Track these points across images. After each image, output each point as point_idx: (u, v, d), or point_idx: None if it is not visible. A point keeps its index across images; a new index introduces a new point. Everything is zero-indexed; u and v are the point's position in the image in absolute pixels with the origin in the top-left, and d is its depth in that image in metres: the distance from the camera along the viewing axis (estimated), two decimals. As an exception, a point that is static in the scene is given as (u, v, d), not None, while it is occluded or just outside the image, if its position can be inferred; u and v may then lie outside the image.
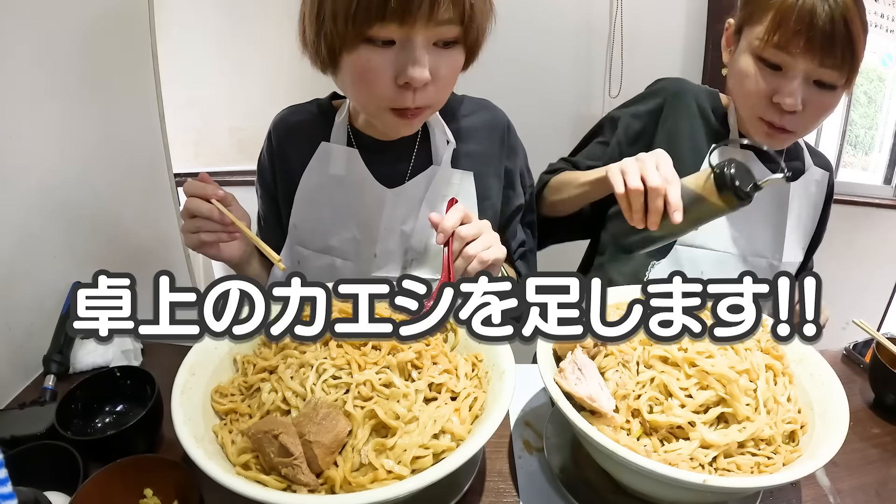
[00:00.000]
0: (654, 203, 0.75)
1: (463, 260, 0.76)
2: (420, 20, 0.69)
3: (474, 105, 0.97)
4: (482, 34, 0.77)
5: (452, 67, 0.77)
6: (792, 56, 0.82)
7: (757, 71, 0.86)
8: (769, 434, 0.59)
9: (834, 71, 0.82)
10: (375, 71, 0.73)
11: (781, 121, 0.87)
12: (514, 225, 0.99)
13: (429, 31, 0.71)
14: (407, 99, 0.75)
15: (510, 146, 0.97)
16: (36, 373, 0.88)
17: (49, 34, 0.92)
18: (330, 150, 0.90)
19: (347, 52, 0.73)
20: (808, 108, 0.85)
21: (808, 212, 1.04)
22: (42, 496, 0.58)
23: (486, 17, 0.76)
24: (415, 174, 0.90)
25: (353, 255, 0.91)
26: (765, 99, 0.87)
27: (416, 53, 0.71)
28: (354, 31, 0.70)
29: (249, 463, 0.56)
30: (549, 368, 0.64)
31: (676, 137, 1.00)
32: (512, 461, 0.73)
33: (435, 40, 0.73)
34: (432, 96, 0.77)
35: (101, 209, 1.07)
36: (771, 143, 0.92)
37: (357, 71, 0.74)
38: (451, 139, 0.90)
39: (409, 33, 0.70)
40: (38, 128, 0.91)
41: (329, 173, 0.90)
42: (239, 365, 0.67)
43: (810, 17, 0.78)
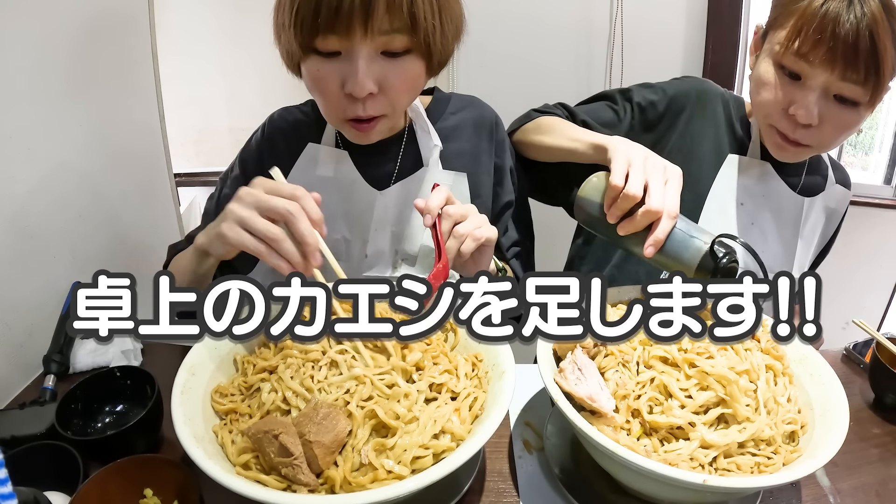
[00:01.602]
0: (640, 219, 0.70)
1: (455, 240, 0.73)
2: (357, 32, 0.69)
3: (462, 102, 0.97)
4: (440, 41, 0.75)
5: (405, 77, 0.76)
6: (811, 66, 0.77)
7: (776, 78, 0.82)
8: (769, 434, 0.59)
9: (856, 86, 0.77)
10: (324, 80, 0.74)
11: (795, 134, 0.83)
12: (504, 222, 0.99)
13: (369, 42, 0.71)
14: (357, 109, 0.75)
15: (499, 142, 0.96)
16: (36, 373, 0.88)
17: (49, 34, 0.92)
18: (318, 151, 0.90)
19: (302, 61, 0.75)
20: (826, 124, 0.81)
21: (821, 228, 1.01)
22: (42, 496, 0.58)
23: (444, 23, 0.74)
24: (403, 175, 0.90)
25: (344, 255, 0.91)
26: (780, 109, 0.83)
27: (355, 65, 0.71)
28: (301, 42, 0.71)
29: (249, 463, 0.56)
30: (549, 368, 0.64)
31: (698, 141, 0.96)
32: (512, 461, 0.73)
33: (382, 50, 0.72)
34: (384, 106, 0.77)
35: (101, 209, 1.07)
36: (781, 156, 0.89)
37: (310, 79, 0.76)
38: (437, 142, 0.90)
39: (350, 45, 0.71)
40: (38, 127, 0.91)
41: (317, 174, 0.90)
42: (239, 365, 0.67)
43: (833, 25, 0.73)
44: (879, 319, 2.07)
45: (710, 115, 0.96)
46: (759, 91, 0.86)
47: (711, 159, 0.95)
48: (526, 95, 1.88)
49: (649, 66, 1.80)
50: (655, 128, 0.98)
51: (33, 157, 0.90)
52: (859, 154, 2.10)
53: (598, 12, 1.80)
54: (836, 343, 0.99)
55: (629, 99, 1.00)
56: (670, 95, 0.98)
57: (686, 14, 1.80)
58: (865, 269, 1.95)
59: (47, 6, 0.91)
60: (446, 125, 0.93)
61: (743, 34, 1.77)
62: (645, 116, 0.98)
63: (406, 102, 0.81)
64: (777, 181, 0.94)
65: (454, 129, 0.94)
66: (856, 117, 0.81)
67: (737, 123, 0.97)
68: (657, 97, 0.99)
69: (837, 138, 0.84)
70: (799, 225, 0.96)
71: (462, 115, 0.95)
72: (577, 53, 1.86)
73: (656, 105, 0.98)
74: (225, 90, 2.27)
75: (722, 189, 0.95)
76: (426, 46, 0.74)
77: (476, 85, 1.89)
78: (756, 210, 0.96)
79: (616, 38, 1.81)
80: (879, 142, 2.02)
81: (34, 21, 0.89)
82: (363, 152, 0.89)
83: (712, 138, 0.96)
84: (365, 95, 0.73)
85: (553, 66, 1.87)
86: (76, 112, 1.00)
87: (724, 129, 0.96)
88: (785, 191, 0.96)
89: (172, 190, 1.34)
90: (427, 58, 0.76)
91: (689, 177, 0.96)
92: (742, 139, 0.96)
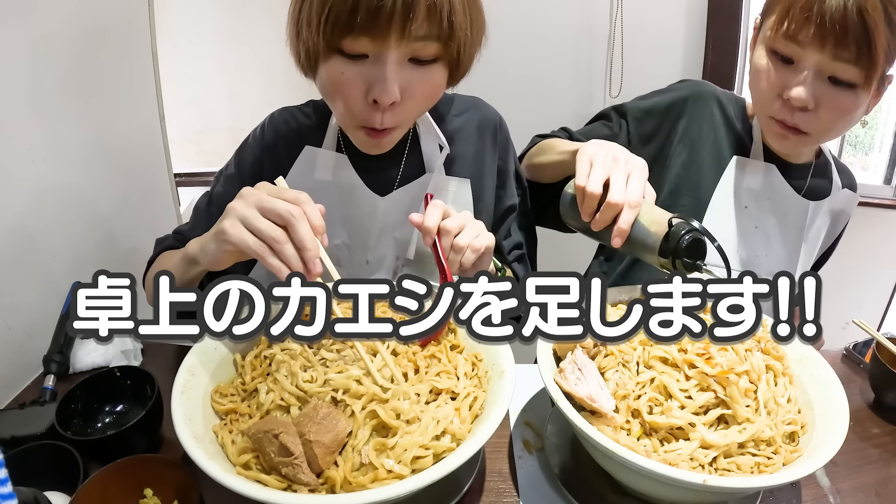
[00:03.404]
0: (605, 213, 0.70)
1: (455, 253, 0.73)
2: (392, 36, 0.66)
3: (464, 104, 0.95)
4: (468, 50, 0.73)
5: (429, 85, 0.74)
6: (802, 46, 0.76)
7: (769, 64, 0.81)
8: (769, 435, 0.59)
9: (849, 66, 0.75)
10: (347, 84, 0.71)
11: (793, 118, 0.81)
12: (507, 225, 0.98)
13: (402, 47, 0.68)
14: (376, 119, 0.73)
15: (502, 144, 0.95)
16: (36, 373, 0.88)
17: (49, 34, 0.92)
18: (315, 154, 0.88)
19: (323, 61, 0.71)
20: (822, 109, 0.79)
21: (826, 231, 1.00)
22: (42, 496, 0.58)
23: (473, 33, 0.72)
24: (405, 181, 0.88)
25: (344, 260, 0.90)
26: (776, 95, 0.82)
27: (385, 69, 0.68)
28: (326, 42, 0.68)
29: (250, 463, 0.56)
30: (549, 368, 0.64)
31: (697, 146, 0.95)
32: (512, 461, 0.73)
33: (410, 56, 0.70)
34: (403, 115, 0.75)
35: (101, 209, 1.07)
36: (783, 146, 0.87)
37: (330, 81, 0.72)
38: (445, 144, 0.88)
39: (381, 48, 0.68)
40: (38, 128, 0.91)
41: (315, 178, 0.87)
42: (238, 367, 0.67)
43: (819, 3, 0.73)
44: (879, 319, 2.08)
45: (707, 119, 0.95)
46: (756, 81, 0.85)
47: (712, 163, 0.94)
48: (526, 97, 1.90)
49: (649, 67, 1.81)
50: (654, 138, 0.97)
51: (33, 157, 0.90)
52: (859, 154, 2.10)
53: (598, 14, 1.80)
54: (836, 343, 0.98)
55: (623, 114, 1.00)
56: (666, 103, 0.97)
57: (686, 14, 1.80)
58: (865, 269, 1.95)
59: (47, 6, 0.91)
60: (450, 128, 0.92)
61: (743, 34, 1.77)
62: (642, 129, 0.97)
63: (421, 112, 0.80)
64: (782, 184, 0.93)
65: (458, 131, 0.92)
66: (853, 101, 0.78)
67: (738, 124, 0.95)
68: (652, 106, 0.98)
69: (836, 124, 0.82)
70: (803, 229, 0.94)
71: (465, 117, 0.93)
72: (578, 55, 1.86)
73: (652, 113, 0.97)
74: (225, 90, 2.27)
75: (726, 192, 0.94)
76: (456, 56, 0.72)
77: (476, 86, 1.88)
78: (760, 213, 0.94)
79: (616, 39, 1.81)
80: (879, 142, 2.02)
81: (35, 21, 0.89)
82: (365, 157, 0.86)
83: (712, 142, 0.95)
84: (391, 103, 0.70)
85: (553, 67, 1.87)
86: (76, 112, 1.00)
87: (723, 131, 0.95)
88: (790, 194, 0.94)
89: (172, 190, 1.34)
90: (453, 67, 0.75)
91: (690, 182, 0.95)
92: (743, 140, 0.95)
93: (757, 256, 0.95)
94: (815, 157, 0.98)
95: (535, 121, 1.49)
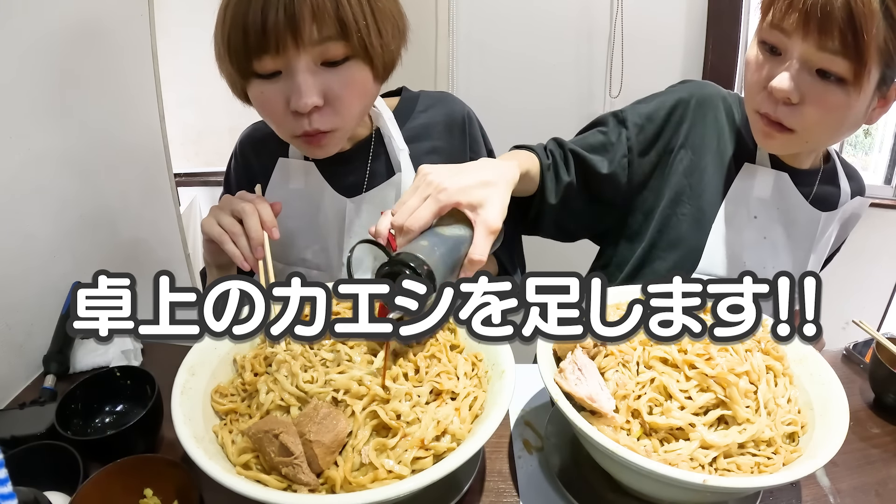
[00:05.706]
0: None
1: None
2: (290, 48, 0.68)
3: (431, 100, 0.95)
4: (379, 42, 0.73)
5: (351, 84, 0.74)
6: (787, 35, 0.73)
7: (757, 56, 0.78)
8: (769, 435, 0.59)
9: (835, 57, 0.70)
10: (269, 102, 0.75)
11: (776, 113, 0.77)
12: None
13: (305, 55, 0.69)
14: (304, 125, 0.75)
15: (472, 137, 0.95)
16: (36, 373, 0.88)
17: (49, 34, 0.92)
18: (288, 164, 0.91)
19: (246, 86, 0.76)
20: (808, 104, 0.75)
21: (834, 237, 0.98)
22: (42, 496, 0.58)
23: (380, 24, 0.73)
24: (375, 181, 0.90)
25: (325, 265, 0.92)
26: (761, 87, 0.78)
27: (297, 80, 0.70)
28: (238, 69, 0.72)
29: (250, 463, 0.56)
30: (549, 368, 0.64)
31: (700, 152, 0.91)
32: (512, 461, 0.73)
33: (322, 61, 0.71)
34: (332, 118, 0.76)
35: (101, 209, 1.07)
36: (769, 146, 0.84)
37: (256, 103, 0.77)
38: (402, 146, 0.89)
39: (287, 62, 0.70)
40: (38, 128, 0.91)
41: (290, 188, 0.91)
42: (238, 367, 0.67)
43: None
44: (879, 319, 2.07)
45: (711, 122, 0.91)
46: (746, 74, 0.81)
47: (715, 170, 0.91)
48: (526, 95, 1.90)
49: (649, 66, 1.81)
50: (655, 144, 0.93)
51: (33, 158, 0.90)
52: (859, 154, 2.10)
53: (598, 12, 1.80)
54: (836, 343, 0.98)
55: (622, 121, 0.93)
56: (668, 107, 0.92)
57: (686, 14, 1.80)
58: (865, 269, 1.94)
59: (47, 6, 0.91)
60: (415, 125, 0.92)
61: (743, 34, 1.77)
62: (642, 135, 0.92)
63: (358, 111, 0.80)
64: (794, 193, 0.89)
65: (424, 127, 0.92)
66: (842, 98, 0.73)
67: (742, 128, 0.91)
68: (653, 111, 0.93)
69: (824, 122, 0.76)
70: (813, 240, 0.92)
71: (431, 113, 0.93)
72: (577, 53, 1.86)
73: (653, 119, 0.92)
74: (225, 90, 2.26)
75: (736, 201, 0.90)
76: (364, 50, 0.73)
77: (476, 85, 1.90)
78: (769, 224, 0.91)
79: (616, 38, 1.81)
80: (879, 142, 2.02)
81: (34, 21, 0.89)
82: (329, 162, 0.88)
83: (715, 147, 0.91)
84: (309, 110, 0.72)
85: (553, 65, 1.87)
86: (76, 112, 1.00)
87: (727, 135, 0.92)
88: (801, 203, 0.90)
89: (172, 190, 1.33)
90: (369, 62, 0.75)
91: (691, 190, 0.92)
92: (748, 145, 0.91)
93: (764, 268, 0.92)
94: (823, 163, 0.94)
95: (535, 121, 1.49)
